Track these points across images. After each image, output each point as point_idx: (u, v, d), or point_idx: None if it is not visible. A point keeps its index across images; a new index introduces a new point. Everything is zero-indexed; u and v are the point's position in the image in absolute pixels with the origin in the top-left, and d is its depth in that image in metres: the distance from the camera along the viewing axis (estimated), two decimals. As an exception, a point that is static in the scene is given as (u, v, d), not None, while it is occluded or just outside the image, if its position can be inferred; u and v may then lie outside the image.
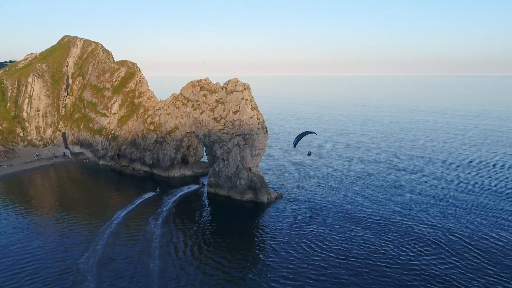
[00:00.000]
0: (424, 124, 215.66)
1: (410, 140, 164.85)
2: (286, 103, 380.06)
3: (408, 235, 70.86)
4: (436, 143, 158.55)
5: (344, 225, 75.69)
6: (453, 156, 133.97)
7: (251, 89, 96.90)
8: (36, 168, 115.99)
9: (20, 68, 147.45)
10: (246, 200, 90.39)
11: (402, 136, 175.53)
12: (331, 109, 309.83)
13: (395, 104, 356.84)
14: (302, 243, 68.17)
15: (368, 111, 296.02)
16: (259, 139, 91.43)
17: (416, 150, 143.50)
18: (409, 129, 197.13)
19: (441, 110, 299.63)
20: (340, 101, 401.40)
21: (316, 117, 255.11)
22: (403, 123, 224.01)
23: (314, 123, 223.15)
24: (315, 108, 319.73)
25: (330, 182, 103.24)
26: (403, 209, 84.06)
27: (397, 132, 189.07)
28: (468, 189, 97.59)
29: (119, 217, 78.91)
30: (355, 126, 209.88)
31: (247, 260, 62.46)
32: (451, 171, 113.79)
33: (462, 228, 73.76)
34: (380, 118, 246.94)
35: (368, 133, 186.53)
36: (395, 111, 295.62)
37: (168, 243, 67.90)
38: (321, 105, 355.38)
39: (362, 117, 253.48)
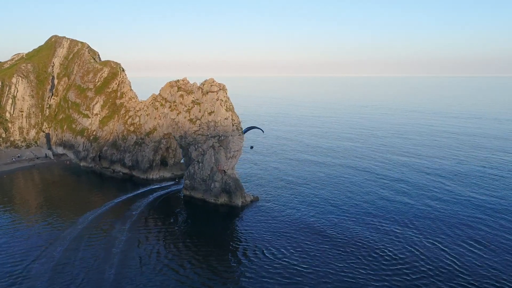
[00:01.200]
0: (424, 128, 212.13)
1: (405, 145, 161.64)
2: (287, 104, 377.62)
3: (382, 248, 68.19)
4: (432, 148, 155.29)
5: (313, 237, 73.10)
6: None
7: (227, 90, 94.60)
8: (15, 169, 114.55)
9: (5, 68, 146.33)
10: (220, 203, 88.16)
11: (396, 140, 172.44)
12: (328, 111, 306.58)
13: (398, 106, 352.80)
14: (272, 247, 65.87)
15: (368, 112, 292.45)
16: (234, 141, 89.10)
17: (408, 156, 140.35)
18: (404, 132, 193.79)
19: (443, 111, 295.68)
20: (338, 102, 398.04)
21: (309, 119, 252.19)
22: (397, 125, 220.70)
23: (305, 125, 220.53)
24: (312, 109, 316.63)
25: (312, 188, 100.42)
26: (376, 217, 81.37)
27: (391, 135, 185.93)
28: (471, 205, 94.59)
29: (85, 221, 76.95)
30: (348, 129, 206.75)
31: (212, 267, 60.00)
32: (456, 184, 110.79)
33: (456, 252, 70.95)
34: (377, 121, 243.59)
35: (362, 137, 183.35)
36: (397, 112, 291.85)
37: (131, 249, 65.69)
38: (319, 106, 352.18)
39: (360, 119, 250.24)
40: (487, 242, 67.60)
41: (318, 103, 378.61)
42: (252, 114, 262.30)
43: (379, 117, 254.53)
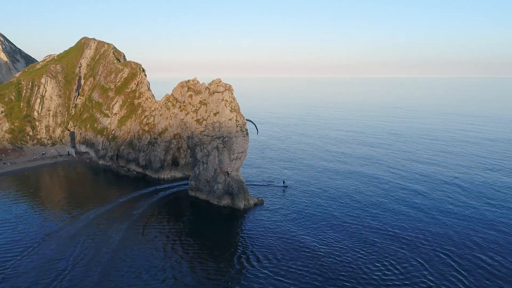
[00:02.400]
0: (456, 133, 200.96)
1: (435, 152, 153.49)
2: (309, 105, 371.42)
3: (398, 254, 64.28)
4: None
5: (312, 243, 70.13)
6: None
7: (233, 90, 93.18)
8: (37, 166, 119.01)
9: (36, 69, 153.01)
10: (223, 205, 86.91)
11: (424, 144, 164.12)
12: (354, 113, 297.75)
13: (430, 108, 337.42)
14: (269, 253, 63.78)
15: (399, 115, 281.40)
16: (237, 142, 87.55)
17: (432, 164, 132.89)
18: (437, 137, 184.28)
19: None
20: (367, 104, 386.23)
21: (337, 121, 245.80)
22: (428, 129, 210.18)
23: (330, 128, 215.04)
24: (341, 111, 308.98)
25: (323, 192, 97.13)
26: (392, 222, 77.01)
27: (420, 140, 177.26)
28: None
29: (86, 218, 78.16)
30: (377, 133, 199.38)
31: (201, 271, 58.66)
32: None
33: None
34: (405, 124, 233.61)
35: (385, 141, 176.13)
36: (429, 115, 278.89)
37: (123, 249, 65.69)
38: (347, 108, 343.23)
39: (389, 122, 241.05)
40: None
41: (346, 105, 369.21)
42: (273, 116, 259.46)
43: (409, 120, 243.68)
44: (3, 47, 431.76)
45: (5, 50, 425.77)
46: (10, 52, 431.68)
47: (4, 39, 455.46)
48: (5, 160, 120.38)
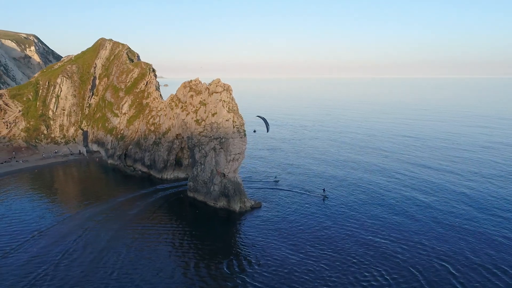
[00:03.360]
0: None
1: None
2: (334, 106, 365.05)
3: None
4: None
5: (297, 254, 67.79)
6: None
7: (232, 90, 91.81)
8: (48, 165, 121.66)
9: (54, 69, 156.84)
10: (219, 207, 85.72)
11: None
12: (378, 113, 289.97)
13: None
14: (258, 258, 62.22)
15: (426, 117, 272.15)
16: (234, 143, 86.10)
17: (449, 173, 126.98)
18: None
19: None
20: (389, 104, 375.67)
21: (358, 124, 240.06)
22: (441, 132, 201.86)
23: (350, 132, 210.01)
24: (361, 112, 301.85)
25: (331, 205, 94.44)
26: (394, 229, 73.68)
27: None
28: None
29: (82, 216, 78.76)
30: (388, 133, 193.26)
31: (179, 274, 57.80)
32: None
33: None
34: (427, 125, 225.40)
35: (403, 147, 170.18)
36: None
37: (109, 249, 65.46)
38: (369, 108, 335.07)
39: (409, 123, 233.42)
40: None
41: (368, 105, 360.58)
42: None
43: (433, 123, 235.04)
44: (36, 48, 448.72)
45: (38, 51, 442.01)
46: (43, 53, 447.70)
47: (38, 41, 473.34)
48: (18, 158, 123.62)
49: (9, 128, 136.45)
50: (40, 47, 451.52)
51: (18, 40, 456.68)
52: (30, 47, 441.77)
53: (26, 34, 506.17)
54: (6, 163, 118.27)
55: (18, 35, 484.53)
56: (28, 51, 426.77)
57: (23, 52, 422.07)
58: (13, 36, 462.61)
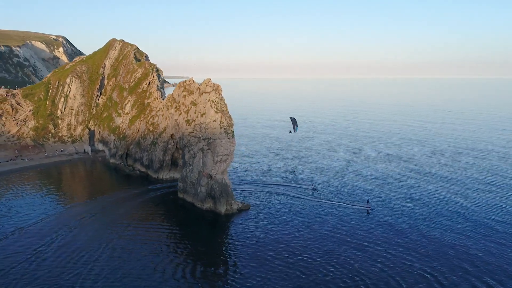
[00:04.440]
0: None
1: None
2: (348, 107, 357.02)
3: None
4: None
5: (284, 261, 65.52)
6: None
7: (221, 91, 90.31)
8: (52, 163, 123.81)
9: (66, 69, 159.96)
10: (206, 209, 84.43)
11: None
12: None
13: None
14: (234, 264, 60.54)
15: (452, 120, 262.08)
16: (221, 144, 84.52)
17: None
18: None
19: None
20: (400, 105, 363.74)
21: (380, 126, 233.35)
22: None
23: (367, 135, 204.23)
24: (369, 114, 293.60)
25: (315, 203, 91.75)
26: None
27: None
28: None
29: (61, 215, 79.17)
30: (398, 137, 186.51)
31: (150, 276, 56.84)
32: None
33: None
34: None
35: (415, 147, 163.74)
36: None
37: (87, 249, 65.12)
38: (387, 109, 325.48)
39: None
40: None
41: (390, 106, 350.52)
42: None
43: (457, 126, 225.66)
44: (64, 49, 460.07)
45: (66, 52, 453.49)
46: (71, 54, 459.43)
47: (66, 42, 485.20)
48: (24, 156, 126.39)
49: (19, 127, 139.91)
50: (68, 48, 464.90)
51: (47, 41, 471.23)
52: (59, 48, 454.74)
53: (56, 36, 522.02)
54: (11, 161, 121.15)
55: (48, 37, 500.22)
56: (56, 52, 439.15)
57: (52, 53, 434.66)
58: (42, 38, 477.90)
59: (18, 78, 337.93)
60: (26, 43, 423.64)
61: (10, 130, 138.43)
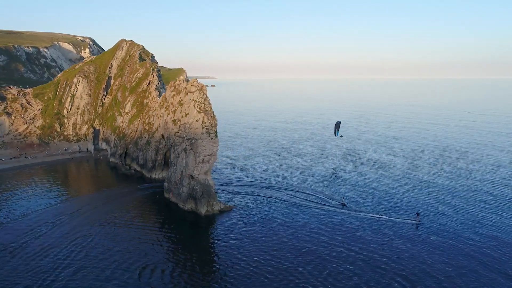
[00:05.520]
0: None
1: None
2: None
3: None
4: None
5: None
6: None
7: (206, 90, 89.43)
8: (53, 161, 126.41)
9: (75, 69, 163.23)
10: (187, 209, 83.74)
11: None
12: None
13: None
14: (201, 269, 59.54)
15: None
16: (203, 144, 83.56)
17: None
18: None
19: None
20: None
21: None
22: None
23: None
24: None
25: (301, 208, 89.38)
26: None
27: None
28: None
29: (34, 213, 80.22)
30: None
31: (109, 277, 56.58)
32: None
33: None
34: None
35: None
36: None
37: (59, 247, 65.55)
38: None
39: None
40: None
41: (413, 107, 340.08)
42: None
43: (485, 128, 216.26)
44: (90, 50, 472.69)
45: (92, 53, 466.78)
46: (97, 54, 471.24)
47: (92, 43, 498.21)
48: (29, 154, 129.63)
49: (27, 125, 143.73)
50: (94, 49, 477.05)
51: (75, 42, 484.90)
52: (85, 49, 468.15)
53: (83, 37, 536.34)
54: (15, 159, 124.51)
55: (75, 38, 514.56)
56: (83, 53, 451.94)
57: (78, 54, 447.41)
58: (70, 39, 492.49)
59: (44, 79, 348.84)
60: (54, 44, 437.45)
61: (18, 128, 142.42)
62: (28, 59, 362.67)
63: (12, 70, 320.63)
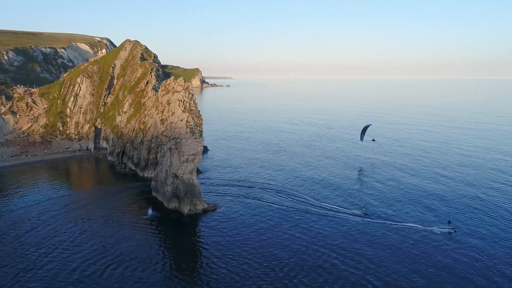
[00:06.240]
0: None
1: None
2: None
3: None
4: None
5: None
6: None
7: (191, 90, 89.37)
8: (53, 159, 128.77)
9: (80, 69, 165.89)
10: (171, 208, 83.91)
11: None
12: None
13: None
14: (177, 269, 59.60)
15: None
16: (187, 144, 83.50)
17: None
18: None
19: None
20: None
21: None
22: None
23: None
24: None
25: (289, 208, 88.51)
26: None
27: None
28: None
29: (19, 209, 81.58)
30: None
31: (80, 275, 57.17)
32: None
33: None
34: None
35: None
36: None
37: (35, 245, 66.55)
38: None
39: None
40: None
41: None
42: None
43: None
44: (107, 50, 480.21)
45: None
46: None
47: (109, 44, 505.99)
48: (30, 152, 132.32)
49: (30, 124, 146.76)
50: (111, 49, 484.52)
51: (92, 43, 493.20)
52: (102, 50, 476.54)
53: (100, 38, 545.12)
54: (16, 157, 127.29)
55: (93, 39, 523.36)
56: (99, 53, 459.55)
57: (95, 54, 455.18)
58: (87, 40, 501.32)
59: (59, 78, 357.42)
60: (71, 45, 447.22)
61: (22, 127, 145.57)
62: (44, 60, 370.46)
63: (28, 70, 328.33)
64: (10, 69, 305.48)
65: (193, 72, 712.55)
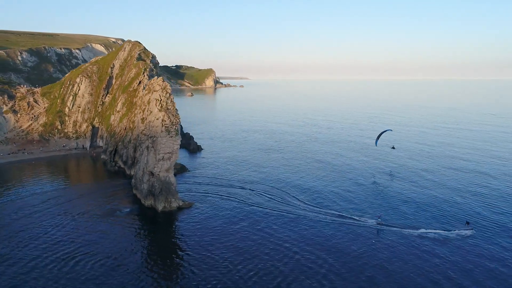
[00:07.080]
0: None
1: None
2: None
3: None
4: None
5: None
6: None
7: (169, 90, 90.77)
8: (48, 157, 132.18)
9: (80, 69, 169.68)
10: (147, 206, 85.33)
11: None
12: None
13: None
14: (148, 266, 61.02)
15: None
16: (163, 142, 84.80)
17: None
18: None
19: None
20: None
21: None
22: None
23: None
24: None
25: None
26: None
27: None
28: None
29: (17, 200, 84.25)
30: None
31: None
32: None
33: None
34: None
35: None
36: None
37: (10, 240, 68.88)
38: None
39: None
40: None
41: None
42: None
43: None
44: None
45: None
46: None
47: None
48: (28, 150, 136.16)
49: (30, 123, 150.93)
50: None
51: (106, 44, 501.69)
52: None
53: (115, 38, 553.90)
54: (13, 154, 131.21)
55: (107, 40, 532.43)
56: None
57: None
58: (102, 40, 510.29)
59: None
60: (86, 45, 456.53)
61: (22, 125, 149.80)
62: (58, 60, 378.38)
63: (42, 71, 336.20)
64: (24, 69, 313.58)
65: (207, 72, 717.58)
